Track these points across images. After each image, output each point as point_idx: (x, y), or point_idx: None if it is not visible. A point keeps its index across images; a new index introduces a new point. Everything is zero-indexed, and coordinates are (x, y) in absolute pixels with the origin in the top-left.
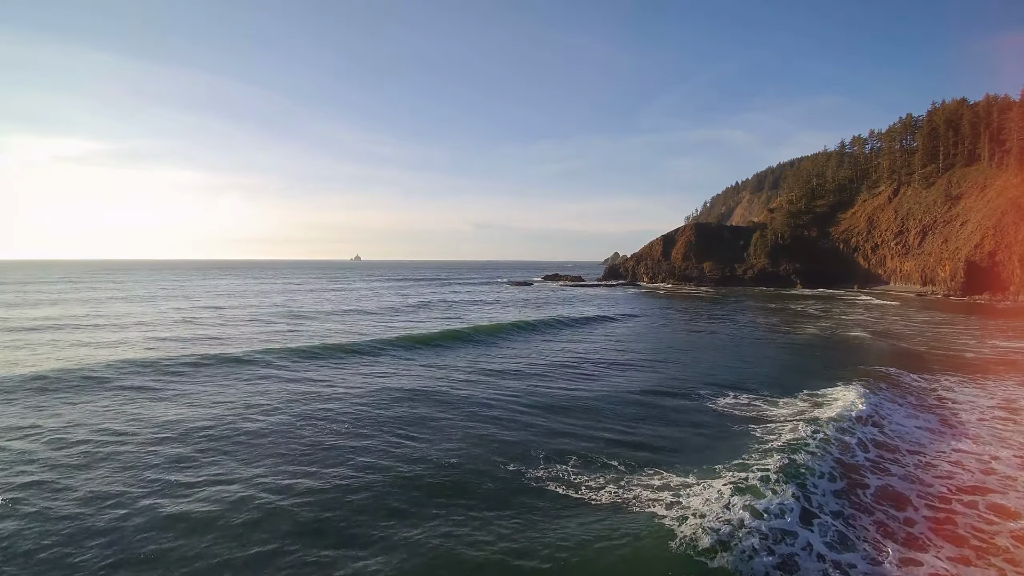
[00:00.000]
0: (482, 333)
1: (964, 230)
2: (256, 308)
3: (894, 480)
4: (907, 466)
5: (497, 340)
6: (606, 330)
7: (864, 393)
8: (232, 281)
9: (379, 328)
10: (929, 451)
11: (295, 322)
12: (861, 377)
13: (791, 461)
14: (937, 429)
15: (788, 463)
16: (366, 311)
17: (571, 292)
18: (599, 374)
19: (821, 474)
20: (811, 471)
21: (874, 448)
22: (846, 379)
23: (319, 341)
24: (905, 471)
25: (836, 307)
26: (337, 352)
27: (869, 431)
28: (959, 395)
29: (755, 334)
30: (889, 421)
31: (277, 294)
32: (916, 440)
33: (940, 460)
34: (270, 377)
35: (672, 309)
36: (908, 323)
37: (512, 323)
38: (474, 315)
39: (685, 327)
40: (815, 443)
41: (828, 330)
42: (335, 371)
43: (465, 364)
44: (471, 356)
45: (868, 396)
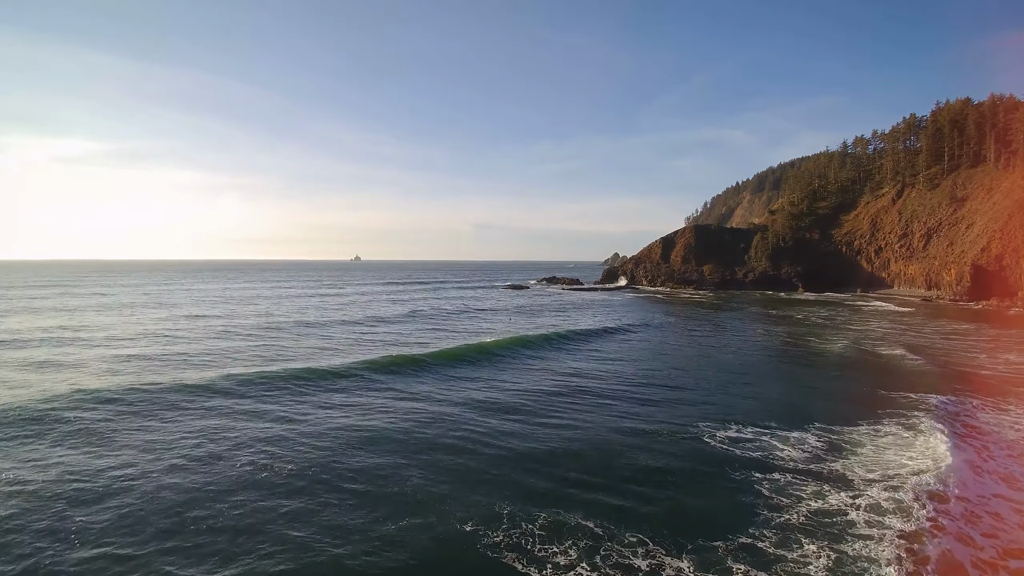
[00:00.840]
0: (466, 354)
1: (970, 233)
2: (236, 319)
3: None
4: None
5: (479, 363)
6: (599, 347)
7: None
8: (223, 285)
9: (358, 345)
10: None
11: (269, 337)
12: (885, 407)
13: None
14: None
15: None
16: (350, 321)
17: (567, 297)
18: (586, 406)
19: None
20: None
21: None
22: (868, 409)
23: (285, 365)
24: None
25: (841, 314)
26: (301, 379)
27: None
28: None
29: (758, 348)
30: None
31: (263, 300)
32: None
33: None
34: (219, 411)
35: (671, 317)
36: (918, 333)
37: (497, 343)
38: (463, 326)
39: (685, 341)
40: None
41: (834, 342)
42: (292, 404)
43: (438, 394)
44: (445, 384)
45: (947, 451)
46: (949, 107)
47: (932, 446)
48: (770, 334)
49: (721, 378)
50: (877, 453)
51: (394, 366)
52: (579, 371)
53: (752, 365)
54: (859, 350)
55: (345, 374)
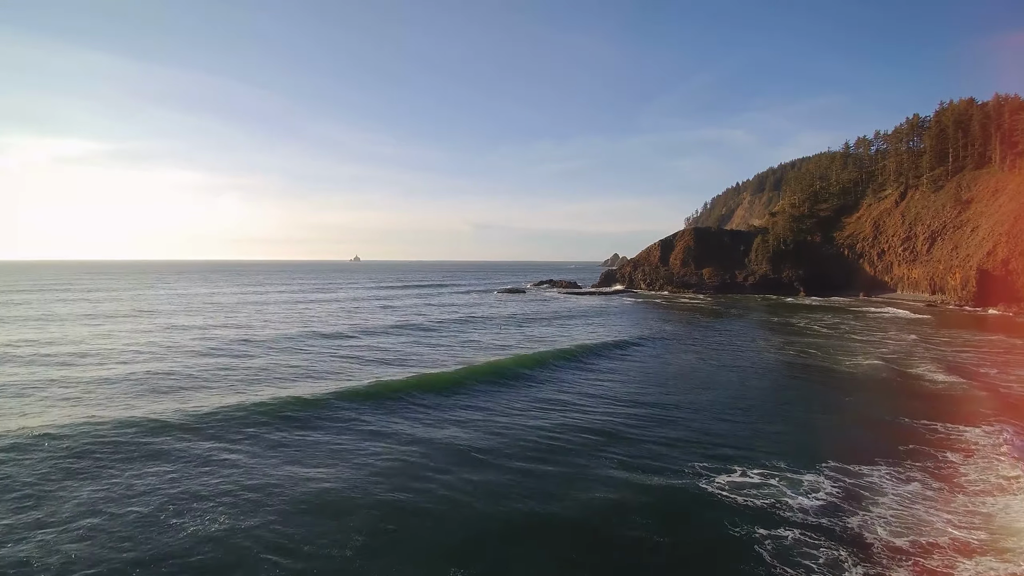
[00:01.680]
0: (445, 383)
1: (975, 236)
2: (212, 331)
3: None
4: None
5: (458, 392)
6: (587, 369)
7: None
8: (212, 289)
9: (334, 365)
10: None
11: (242, 354)
12: (907, 441)
13: None
14: None
15: None
16: (332, 335)
17: (564, 303)
18: (566, 446)
19: None
20: None
21: None
22: (888, 443)
23: (247, 396)
24: None
25: (846, 322)
26: (262, 413)
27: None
28: None
29: (761, 365)
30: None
31: (248, 308)
32: None
33: None
34: (150, 457)
35: (668, 326)
36: (930, 344)
37: (483, 368)
38: (449, 339)
39: (681, 357)
40: None
41: (842, 356)
42: (244, 447)
43: (408, 430)
44: (416, 419)
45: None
46: (953, 107)
47: (975, 507)
48: (773, 346)
49: (721, 403)
50: (903, 507)
51: (364, 397)
52: (562, 402)
53: (755, 386)
54: (871, 366)
55: (312, 403)
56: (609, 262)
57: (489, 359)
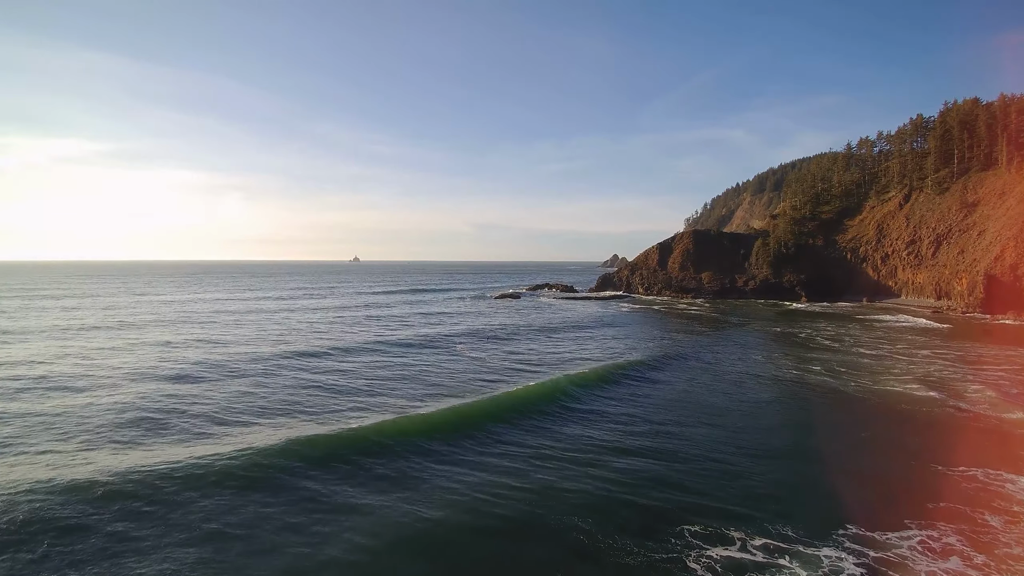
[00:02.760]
0: (383, 442)
1: (982, 240)
2: (175, 350)
3: None
4: None
5: (397, 458)
6: (568, 410)
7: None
8: (197, 294)
9: (286, 399)
10: None
11: (190, 383)
12: (938, 497)
13: None
14: None
15: None
16: (301, 353)
17: (557, 311)
18: (529, 524)
19: None
20: None
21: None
22: (916, 500)
23: (170, 451)
24: None
25: (851, 332)
26: (175, 478)
27: None
28: None
29: (763, 388)
30: None
31: (226, 317)
32: None
33: None
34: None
35: (666, 338)
36: (946, 362)
37: (430, 420)
38: (424, 364)
39: (677, 378)
40: None
41: (849, 377)
42: (138, 528)
43: (326, 500)
44: (343, 489)
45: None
46: (958, 107)
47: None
48: (776, 365)
49: (719, 442)
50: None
51: (290, 457)
52: (534, 456)
53: (755, 415)
54: (883, 391)
55: (232, 461)
56: (609, 263)
57: (453, 404)
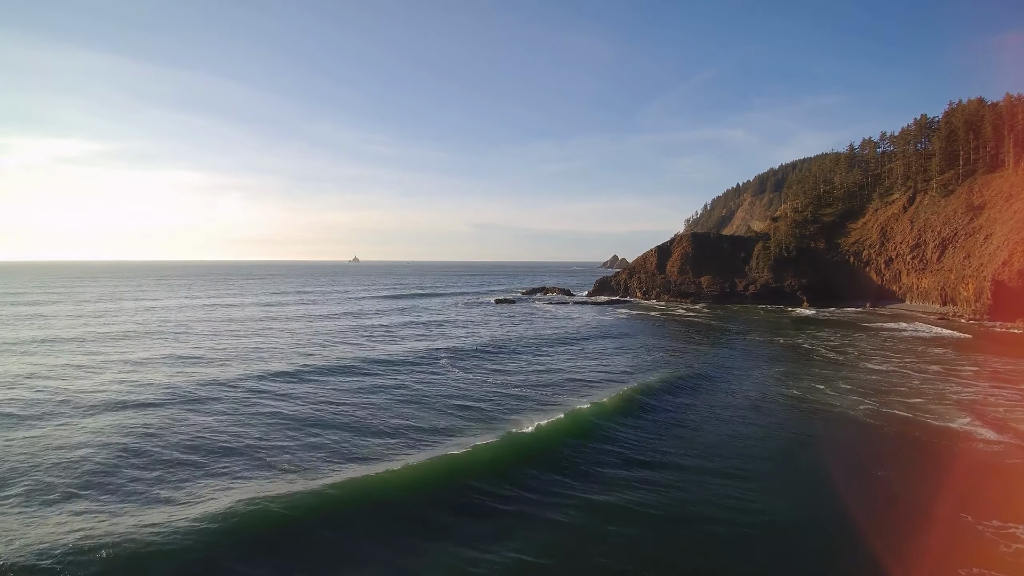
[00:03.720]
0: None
1: (989, 244)
2: (138, 371)
3: None
4: None
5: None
6: (546, 460)
7: None
8: (181, 300)
9: (235, 443)
10: None
11: (149, 410)
12: (980, 563)
13: None
14: None
15: None
16: (271, 375)
17: (552, 319)
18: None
19: None
20: None
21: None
22: (941, 566)
23: (89, 521)
24: None
25: (856, 342)
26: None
27: None
28: None
29: (762, 414)
30: None
31: (204, 327)
32: None
33: None
34: None
35: (661, 350)
36: (960, 378)
37: (372, 485)
38: (396, 392)
39: (669, 403)
40: None
41: (856, 396)
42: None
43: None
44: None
45: None
46: (963, 107)
47: None
48: (776, 383)
49: (713, 494)
50: None
51: (235, 537)
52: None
53: (757, 459)
54: (895, 416)
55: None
56: (608, 263)
57: (413, 461)
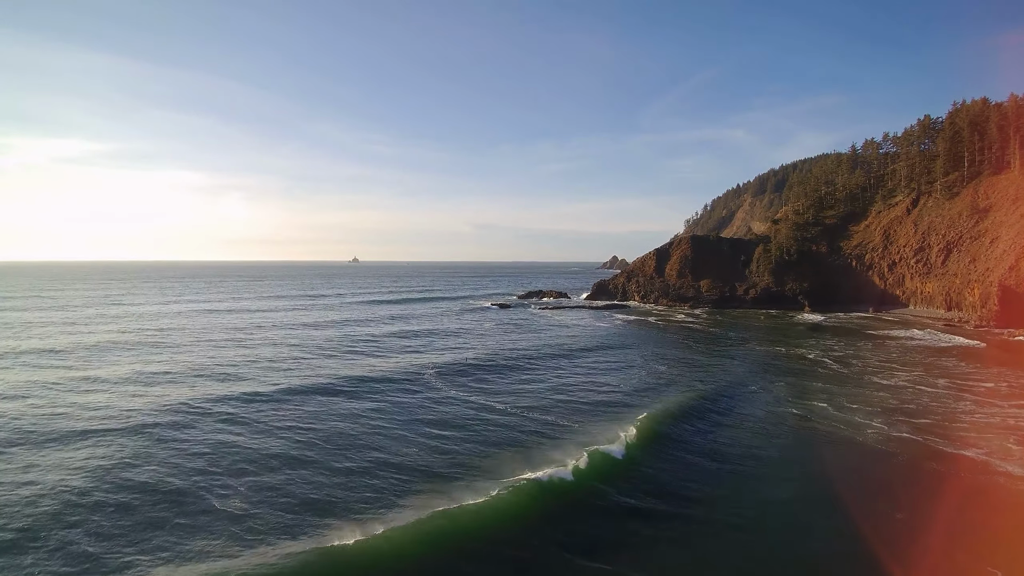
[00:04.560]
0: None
1: (995, 249)
2: (91, 393)
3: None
4: None
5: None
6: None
7: None
8: (166, 305)
9: (192, 485)
10: None
11: (89, 442)
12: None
13: None
14: None
15: None
16: (238, 398)
17: (545, 329)
18: None
19: None
20: None
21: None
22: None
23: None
24: None
25: (861, 352)
26: None
27: None
28: None
29: (763, 437)
30: None
31: (178, 337)
32: None
33: None
34: None
35: (656, 361)
36: (971, 395)
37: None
38: (375, 423)
39: (662, 433)
40: None
41: (864, 416)
42: None
43: None
44: None
45: None
46: (967, 108)
47: None
48: (777, 400)
49: (708, 552)
50: None
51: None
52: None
53: (763, 492)
54: (906, 441)
55: None
56: (608, 264)
57: (397, 522)
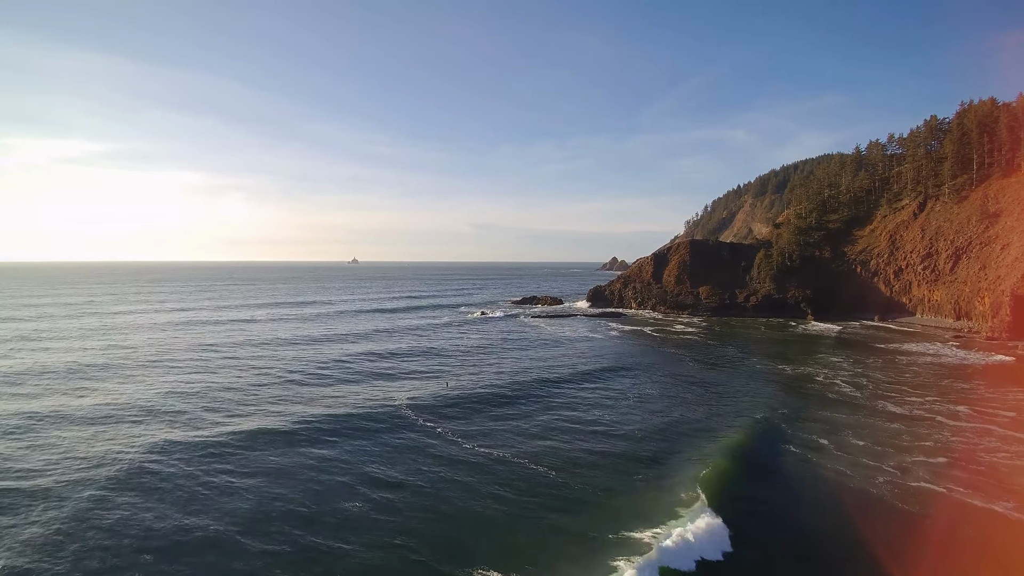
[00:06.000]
0: None
1: (1006, 255)
2: (24, 419)
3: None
4: None
5: None
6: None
7: None
8: (141, 316)
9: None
10: None
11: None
12: None
13: None
14: None
15: None
16: (178, 446)
17: (534, 350)
18: None
19: None
20: None
21: None
22: None
23: None
24: None
25: (871, 370)
26: None
27: None
28: None
29: (780, 493)
30: None
31: (139, 354)
32: None
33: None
34: None
35: (649, 383)
36: (997, 429)
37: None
38: (333, 484)
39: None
40: None
41: (878, 460)
42: None
43: None
44: None
45: None
46: (975, 108)
47: None
48: (783, 438)
49: None
50: None
51: None
52: None
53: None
54: (929, 495)
55: None
56: (608, 265)
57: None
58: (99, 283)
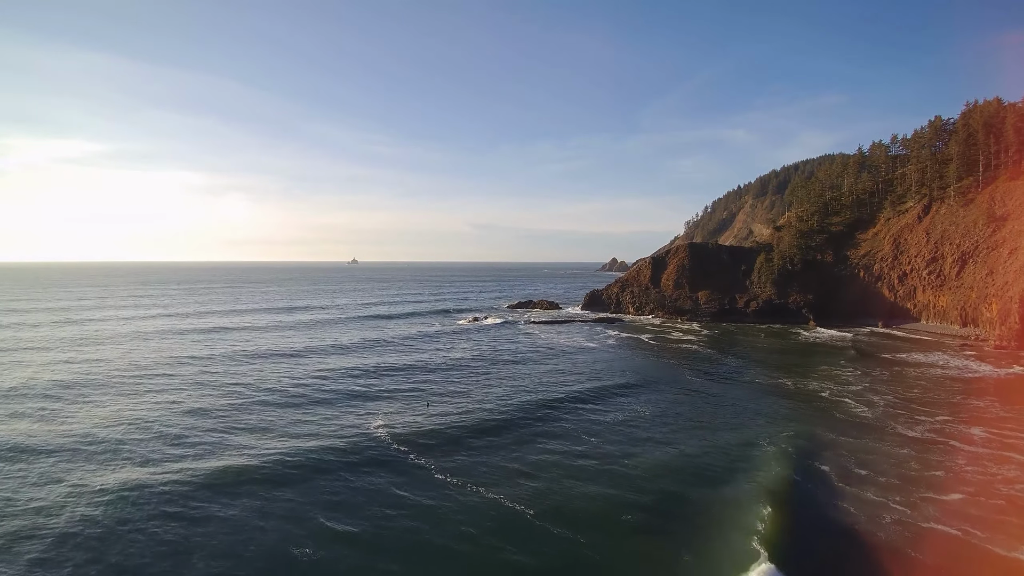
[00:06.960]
0: None
1: (1014, 260)
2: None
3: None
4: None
5: None
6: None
7: None
8: (118, 326)
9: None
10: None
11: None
12: None
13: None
14: None
15: None
16: (102, 496)
17: (534, 363)
18: None
19: None
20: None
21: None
22: None
23: None
24: None
25: (878, 384)
26: None
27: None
28: None
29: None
30: None
31: (101, 369)
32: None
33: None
34: None
35: (640, 403)
36: (1020, 453)
37: None
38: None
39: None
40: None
41: (881, 487)
42: None
43: None
44: None
45: None
46: (980, 108)
47: None
48: (785, 468)
49: None
50: None
51: None
52: None
53: None
54: (940, 539)
55: None
56: (608, 266)
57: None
58: (91, 285)
